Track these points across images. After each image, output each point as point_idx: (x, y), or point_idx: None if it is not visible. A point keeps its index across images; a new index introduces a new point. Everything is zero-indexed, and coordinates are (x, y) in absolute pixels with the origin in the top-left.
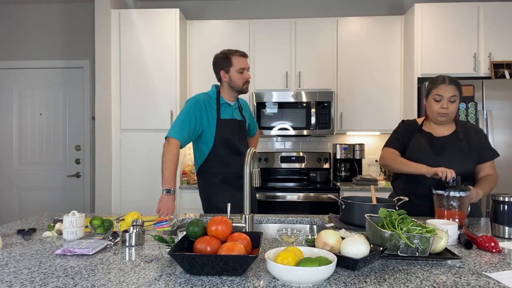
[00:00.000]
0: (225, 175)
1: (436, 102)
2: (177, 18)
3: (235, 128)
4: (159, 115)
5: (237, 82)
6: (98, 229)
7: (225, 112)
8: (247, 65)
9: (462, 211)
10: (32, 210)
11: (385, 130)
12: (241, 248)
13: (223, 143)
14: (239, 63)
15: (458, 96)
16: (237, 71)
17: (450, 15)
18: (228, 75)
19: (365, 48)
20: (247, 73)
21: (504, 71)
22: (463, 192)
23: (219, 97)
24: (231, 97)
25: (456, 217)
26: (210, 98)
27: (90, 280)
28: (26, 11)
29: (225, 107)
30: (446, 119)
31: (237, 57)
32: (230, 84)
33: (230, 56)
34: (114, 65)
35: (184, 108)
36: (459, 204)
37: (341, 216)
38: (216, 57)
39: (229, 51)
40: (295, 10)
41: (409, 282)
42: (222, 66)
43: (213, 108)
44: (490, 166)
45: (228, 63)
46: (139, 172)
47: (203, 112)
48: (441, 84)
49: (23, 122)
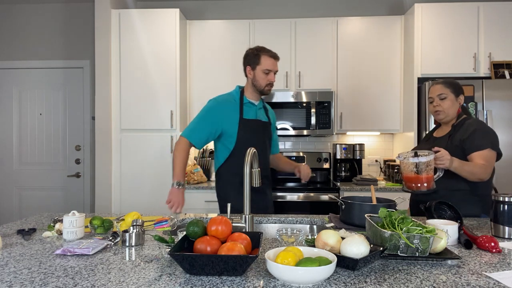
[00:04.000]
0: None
1: (430, 104)
2: (177, 18)
3: (258, 129)
4: (159, 115)
5: (260, 82)
6: (98, 229)
7: (248, 111)
8: (275, 67)
9: (428, 174)
10: (32, 210)
11: (385, 130)
12: (241, 248)
13: (245, 143)
14: (267, 64)
15: (448, 93)
16: (263, 71)
17: (450, 15)
18: (253, 72)
19: (365, 48)
20: (272, 75)
21: (504, 71)
22: (422, 158)
23: (243, 96)
24: (254, 96)
25: (424, 182)
26: (232, 98)
27: (90, 280)
28: (26, 11)
29: (249, 106)
30: (443, 117)
31: (267, 57)
32: (253, 82)
33: (260, 54)
34: (114, 65)
35: (202, 110)
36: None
37: (341, 216)
38: (247, 51)
39: (261, 49)
40: (295, 10)
41: (409, 282)
42: (249, 62)
43: (236, 107)
44: (477, 157)
45: (256, 60)
46: (139, 172)
47: (222, 113)
48: (431, 87)
49: (23, 122)
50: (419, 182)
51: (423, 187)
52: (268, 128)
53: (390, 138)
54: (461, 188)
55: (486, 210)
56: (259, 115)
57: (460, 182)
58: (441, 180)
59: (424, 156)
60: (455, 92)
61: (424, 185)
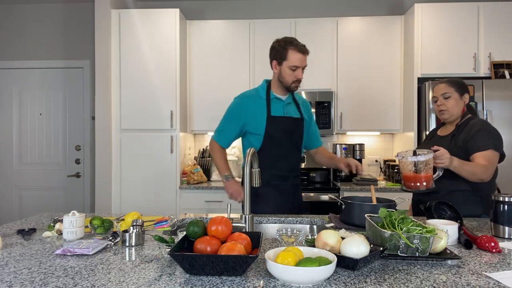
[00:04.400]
0: (271, 177)
1: (435, 103)
2: (177, 18)
3: (287, 126)
4: (159, 115)
5: (286, 78)
6: (98, 229)
7: (275, 108)
8: (303, 63)
9: (427, 173)
10: (32, 210)
11: (385, 130)
12: (241, 248)
13: (273, 142)
14: (294, 60)
15: (452, 92)
16: (289, 67)
17: (450, 15)
18: (279, 67)
19: (365, 48)
20: (300, 72)
21: (504, 71)
22: (420, 156)
23: (269, 91)
24: (281, 91)
25: (423, 181)
26: (258, 93)
27: (90, 280)
28: (26, 11)
29: (275, 102)
30: (447, 116)
31: (295, 52)
32: (279, 78)
33: (287, 48)
34: (114, 65)
35: (227, 108)
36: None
37: (341, 216)
38: (274, 43)
39: (289, 42)
40: (295, 10)
41: (409, 282)
42: (276, 56)
43: (262, 104)
44: (479, 157)
45: (283, 55)
46: (139, 172)
47: (246, 110)
48: (435, 86)
49: (23, 122)
50: (418, 181)
51: (422, 186)
52: (300, 125)
53: (390, 138)
54: (462, 188)
55: (487, 211)
56: (288, 111)
57: (462, 183)
58: (443, 180)
59: (423, 155)
60: (459, 91)
61: (423, 184)
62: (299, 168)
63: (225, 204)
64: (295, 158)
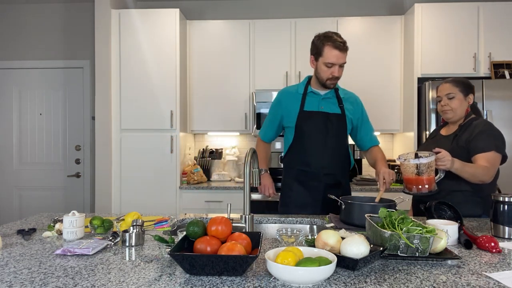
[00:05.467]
0: (301, 173)
1: (439, 103)
2: (177, 18)
3: (318, 121)
4: (159, 115)
5: (322, 74)
6: (98, 229)
7: (310, 102)
8: (339, 60)
9: (429, 175)
10: (32, 210)
11: (385, 130)
12: (241, 248)
13: (303, 137)
14: (330, 56)
15: (456, 92)
16: (325, 63)
17: (450, 15)
18: (316, 63)
19: (365, 48)
20: (336, 69)
21: (504, 71)
22: (422, 159)
23: (308, 85)
24: (318, 86)
25: (425, 183)
26: (296, 88)
27: (90, 280)
28: (26, 11)
29: (311, 96)
30: (451, 116)
31: (331, 49)
32: (316, 74)
33: (325, 43)
34: (114, 65)
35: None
36: (423, 170)
37: (341, 216)
38: (314, 37)
39: (326, 38)
40: (295, 10)
41: (409, 282)
42: (313, 51)
43: (297, 98)
44: (481, 159)
45: (320, 51)
46: (139, 172)
47: (282, 104)
48: (439, 86)
49: (23, 122)
50: (420, 184)
51: (424, 188)
52: (339, 121)
53: (390, 138)
54: (463, 189)
55: (487, 211)
56: (322, 105)
57: (462, 183)
58: (444, 180)
59: (425, 157)
60: (463, 91)
61: (425, 187)
62: (334, 167)
63: (225, 204)
64: (328, 156)
